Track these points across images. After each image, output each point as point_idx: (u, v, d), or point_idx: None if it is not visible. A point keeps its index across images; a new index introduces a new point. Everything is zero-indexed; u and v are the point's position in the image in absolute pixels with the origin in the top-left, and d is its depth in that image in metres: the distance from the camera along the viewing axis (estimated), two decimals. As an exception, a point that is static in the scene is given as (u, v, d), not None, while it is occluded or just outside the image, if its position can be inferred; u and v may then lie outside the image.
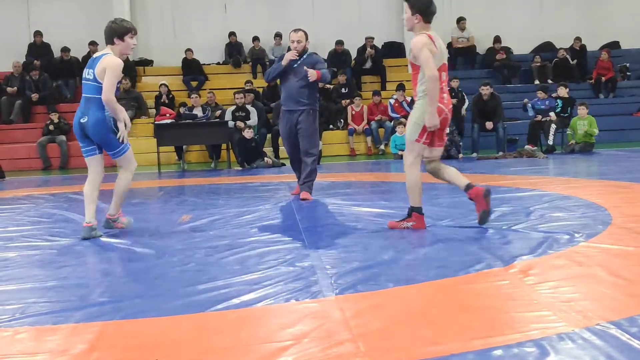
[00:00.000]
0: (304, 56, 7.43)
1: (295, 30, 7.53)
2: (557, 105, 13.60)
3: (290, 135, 7.47)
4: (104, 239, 5.26)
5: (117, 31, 5.36)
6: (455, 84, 14.63)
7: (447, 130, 5.37)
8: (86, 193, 5.46)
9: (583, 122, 12.97)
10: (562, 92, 13.69)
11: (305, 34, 7.51)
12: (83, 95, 5.44)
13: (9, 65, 16.23)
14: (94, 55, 5.46)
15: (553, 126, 13.22)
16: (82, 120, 5.38)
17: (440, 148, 5.28)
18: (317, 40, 18.04)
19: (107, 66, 5.22)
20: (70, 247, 4.96)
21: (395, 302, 3.21)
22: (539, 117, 13.46)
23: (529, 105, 13.82)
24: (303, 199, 7.22)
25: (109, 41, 5.37)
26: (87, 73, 5.38)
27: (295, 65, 7.33)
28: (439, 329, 2.75)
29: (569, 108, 13.47)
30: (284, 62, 7.32)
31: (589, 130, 12.78)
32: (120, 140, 5.38)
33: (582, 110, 12.95)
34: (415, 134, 5.04)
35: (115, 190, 5.62)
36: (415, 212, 5.12)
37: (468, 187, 5.19)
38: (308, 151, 7.37)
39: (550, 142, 13.13)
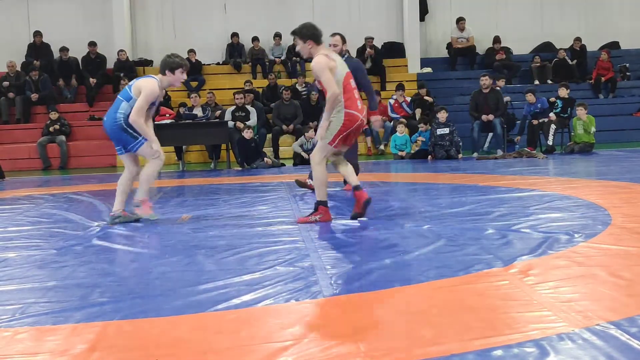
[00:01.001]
0: (343, 60, 7.64)
1: (333, 34, 7.86)
2: (557, 105, 13.61)
3: None
4: (99, 241, 5.26)
5: (170, 65, 5.92)
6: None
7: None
8: (118, 183, 6.09)
9: (582, 121, 12.98)
10: (563, 92, 13.69)
11: (342, 37, 7.84)
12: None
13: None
14: (149, 75, 6.17)
15: (553, 126, 13.23)
16: (104, 118, 5.98)
17: (347, 146, 5.77)
18: (317, 41, 18.07)
19: (143, 89, 5.78)
20: (70, 248, 4.96)
21: (395, 302, 3.21)
22: (536, 122, 13.46)
23: (525, 112, 13.93)
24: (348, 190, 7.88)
25: (162, 72, 5.93)
26: (131, 81, 6.04)
27: None
28: (439, 329, 2.75)
29: (569, 109, 13.46)
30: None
31: (585, 126, 12.76)
32: (155, 155, 5.92)
33: (580, 112, 12.95)
34: (330, 137, 5.53)
35: (139, 178, 6.04)
36: (321, 205, 5.58)
37: (357, 188, 5.68)
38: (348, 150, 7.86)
39: (550, 143, 13.13)
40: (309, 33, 5.64)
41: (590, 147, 12.84)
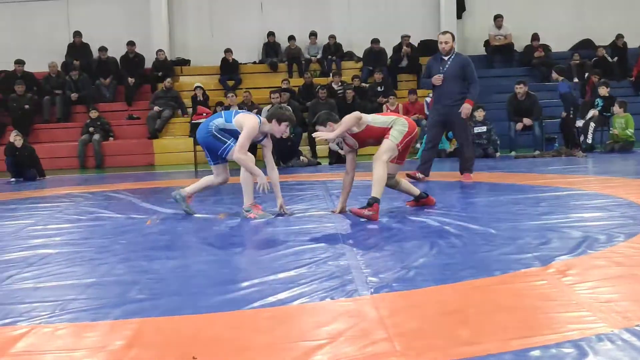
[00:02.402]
0: (452, 56, 8.51)
1: (443, 33, 8.78)
2: (597, 104, 13.41)
3: (436, 125, 8.73)
4: (137, 239, 5.31)
5: (279, 116, 5.99)
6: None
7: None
8: (204, 178, 6.50)
9: (620, 120, 12.79)
10: (603, 91, 13.49)
11: (452, 35, 8.68)
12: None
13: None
14: (253, 113, 6.39)
15: (592, 124, 13.05)
16: (198, 129, 6.24)
17: (399, 165, 6.09)
18: (353, 39, 18.04)
19: (245, 124, 5.89)
20: (108, 245, 5.02)
21: (431, 302, 3.20)
22: (564, 114, 12.99)
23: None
24: (465, 181, 8.27)
25: (269, 119, 6.04)
26: (235, 111, 6.23)
27: (446, 66, 8.47)
28: (476, 329, 2.74)
29: (611, 107, 13.25)
30: (435, 83, 8.48)
31: (622, 134, 12.56)
32: (260, 190, 5.90)
33: (617, 109, 12.76)
34: (397, 140, 5.84)
35: (241, 182, 6.16)
36: (376, 203, 5.63)
37: (421, 197, 6.20)
38: (463, 141, 8.57)
39: (589, 141, 12.95)
40: (329, 116, 6.00)
41: (630, 145, 12.64)
